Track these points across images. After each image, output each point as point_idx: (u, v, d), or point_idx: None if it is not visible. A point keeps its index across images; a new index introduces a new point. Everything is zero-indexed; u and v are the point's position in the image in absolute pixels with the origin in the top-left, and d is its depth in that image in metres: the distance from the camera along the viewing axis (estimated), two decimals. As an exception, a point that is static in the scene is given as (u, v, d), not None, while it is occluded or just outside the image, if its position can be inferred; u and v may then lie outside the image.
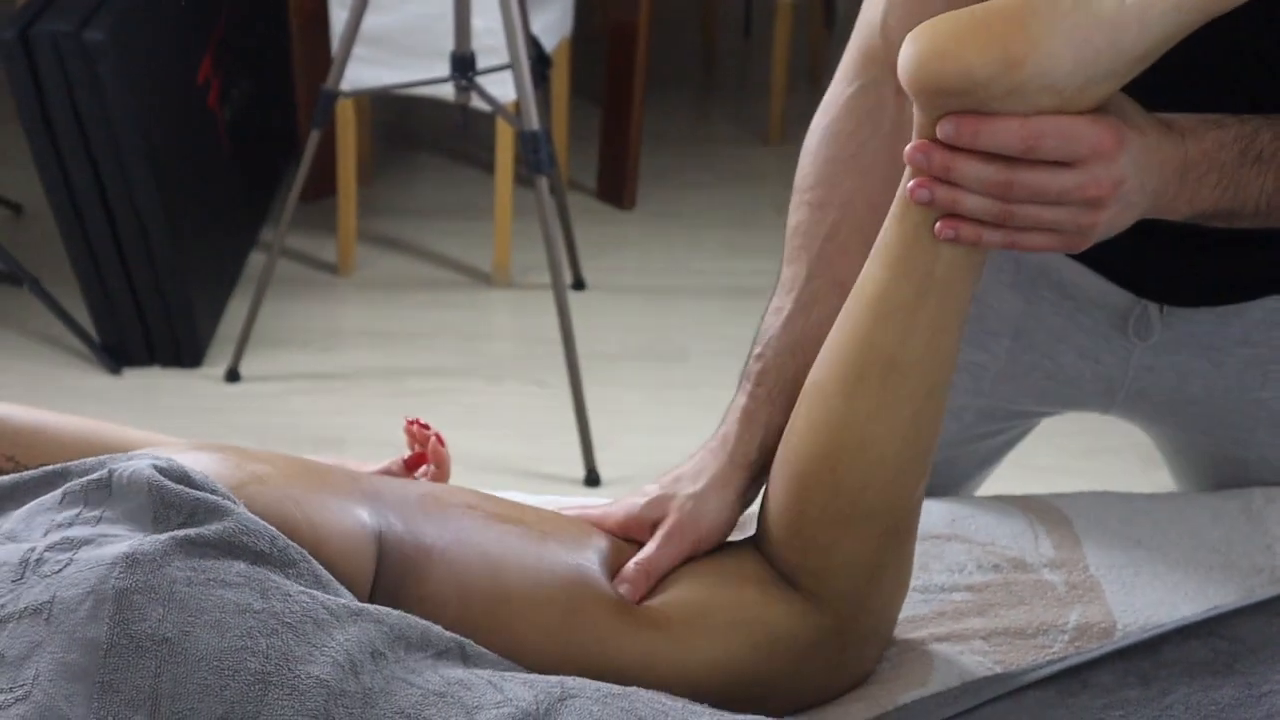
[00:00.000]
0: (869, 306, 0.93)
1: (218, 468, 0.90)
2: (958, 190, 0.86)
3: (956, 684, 1.03)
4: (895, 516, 0.98)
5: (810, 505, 0.97)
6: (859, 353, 0.94)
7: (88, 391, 2.55)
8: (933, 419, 0.96)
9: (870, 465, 0.95)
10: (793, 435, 0.99)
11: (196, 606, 0.80)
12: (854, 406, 0.94)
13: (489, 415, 2.54)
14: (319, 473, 0.94)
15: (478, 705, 0.83)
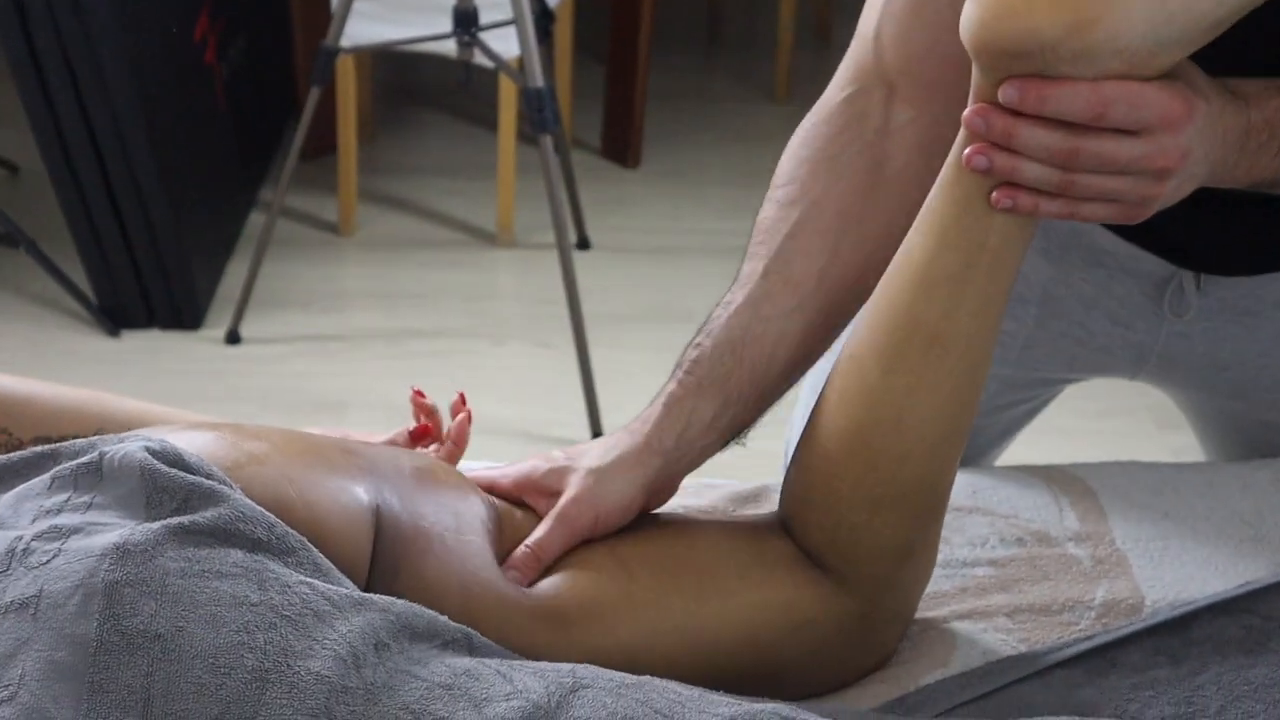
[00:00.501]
0: (913, 277, 0.90)
1: (213, 448, 0.86)
2: (1017, 157, 0.83)
3: (979, 664, 0.99)
4: (929, 497, 0.94)
5: (841, 484, 0.93)
6: (900, 325, 0.90)
7: (86, 354, 2.51)
8: (973, 396, 0.92)
9: (907, 443, 0.91)
10: (824, 410, 0.95)
11: (190, 600, 0.76)
12: (892, 381, 0.90)
13: (493, 377, 2.50)
14: (315, 448, 0.90)
15: (486, 697, 0.79)
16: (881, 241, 0.97)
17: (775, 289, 0.97)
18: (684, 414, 0.97)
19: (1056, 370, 1.20)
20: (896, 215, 0.98)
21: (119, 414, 1.04)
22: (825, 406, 0.95)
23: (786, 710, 0.84)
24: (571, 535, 0.95)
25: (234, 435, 0.88)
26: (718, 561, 0.96)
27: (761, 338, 0.97)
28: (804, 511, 0.97)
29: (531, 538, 0.94)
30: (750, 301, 0.98)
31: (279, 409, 2.39)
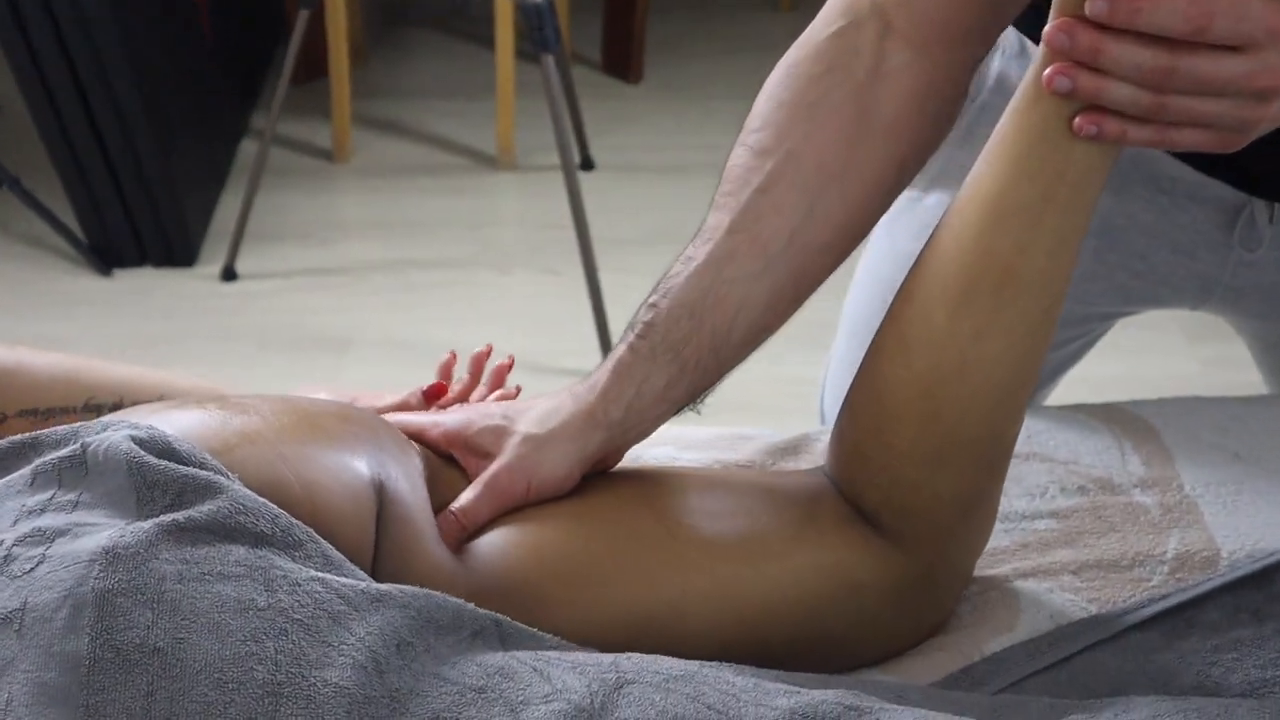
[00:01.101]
0: (984, 209, 0.81)
1: (202, 430, 0.78)
2: (1104, 78, 0.75)
3: (1047, 627, 0.92)
4: (994, 450, 0.87)
5: (898, 438, 0.86)
6: (969, 264, 0.82)
7: (78, 295, 2.43)
8: (1045, 341, 0.84)
9: (972, 393, 0.84)
10: (880, 356, 0.87)
11: (191, 608, 0.68)
12: (959, 324, 0.82)
13: (499, 307, 2.42)
14: (308, 417, 0.82)
15: (523, 700, 0.72)
16: (863, 201, 0.89)
17: (741, 248, 0.88)
18: (634, 382, 0.88)
19: (1113, 304, 1.12)
20: (882, 172, 0.89)
21: (109, 383, 0.97)
22: (881, 354, 0.87)
23: (850, 698, 0.77)
24: (500, 505, 0.86)
25: (222, 412, 0.80)
26: (764, 521, 0.88)
27: (724, 301, 0.87)
28: (857, 467, 0.89)
29: (457, 503, 0.86)
30: (713, 260, 0.88)
31: (278, 347, 2.32)
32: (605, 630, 0.83)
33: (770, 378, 2.31)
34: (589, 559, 0.85)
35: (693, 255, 0.89)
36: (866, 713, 0.76)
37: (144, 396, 0.98)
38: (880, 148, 0.88)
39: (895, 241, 1.13)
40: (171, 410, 0.80)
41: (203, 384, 1.03)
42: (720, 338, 0.88)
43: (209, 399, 0.83)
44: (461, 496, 0.86)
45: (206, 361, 2.28)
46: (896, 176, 0.90)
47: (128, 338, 2.33)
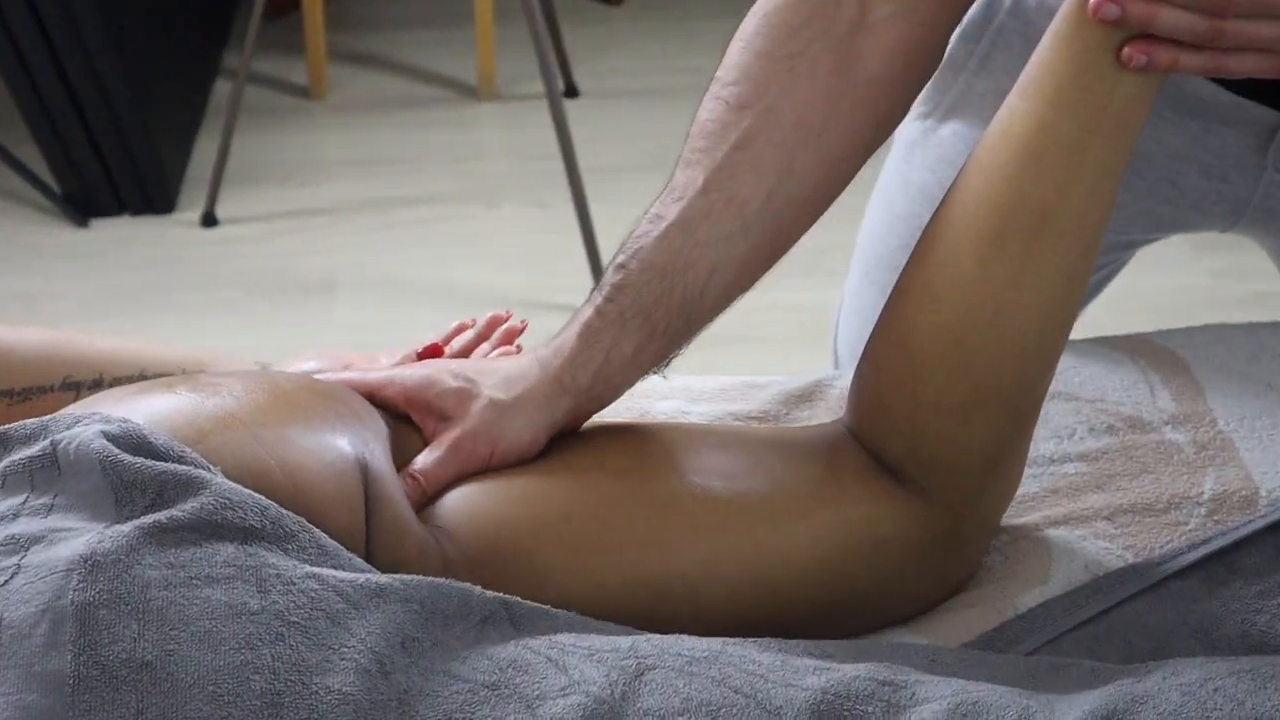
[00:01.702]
0: (1020, 147, 0.76)
1: (176, 417, 0.73)
2: (1156, 3, 0.70)
3: (1082, 578, 0.88)
4: (1026, 400, 0.82)
5: (926, 388, 0.81)
6: (1003, 204, 0.77)
7: (55, 248, 2.37)
8: (1082, 284, 0.80)
9: (1005, 341, 0.79)
10: (904, 302, 0.82)
11: (179, 616, 0.64)
12: (991, 270, 0.78)
13: (489, 243, 2.36)
14: (283, 395, 0.77)
15: (539, 694, 0.68)
16: (841, 158, 0.84)
17: (716, 208, 0.83)
18: (603, 348, 0.84)
19: (1140, 231, 1.07)
20: (862, 129, 0.85)
21: (87, 358, 0.92)
22: (905, 299, 0.82)
23: (883, 671, 0.73)
24: (462, 469, 0.82)
25: (193, 395, 0.75)
26: (783, 478, 0.84)
27: (697, 263, 0.83)
28: (880, 418, 0.84)
29: (417, 464, 0.82)
30: (685, 221, 0.83)
31: (263, 293, 2.26)
32: (617, 599, 0.78)
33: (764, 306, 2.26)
34: (596, 523, 0.80)
35: (662, 214, 0.85)
36: (901, 687, 0.72)
37: (124, 371, 0.93)
38: (861, 103, 0.84)
39: (909, 174, 1.08)
40: (141, 396, 0.75)
41: (185, 352, 0.98)
42: (692, 301, 0.84)
43: (184, 378, 0.77)
44: (421, 457, 0.82)
45: (191, 311, 2.22)
46: (874, 133, 0.86)
47: (108, 290, 2.27)
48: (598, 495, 0.81)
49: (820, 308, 1.48)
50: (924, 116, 1.06)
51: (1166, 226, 1.07)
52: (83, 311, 2.21)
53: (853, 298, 1.16)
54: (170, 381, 0.77)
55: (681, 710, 0.68)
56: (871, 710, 0.70)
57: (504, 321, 0.99)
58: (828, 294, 1.34)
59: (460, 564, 0.77)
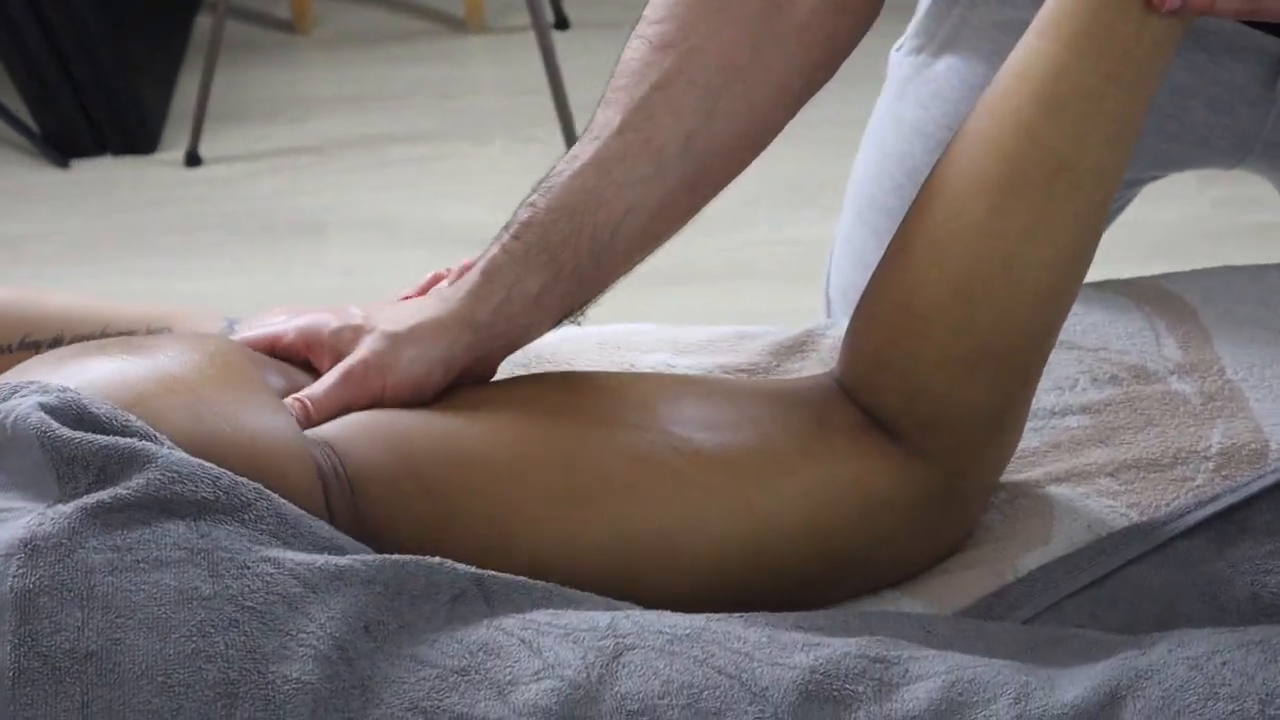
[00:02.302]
0: (1036, 92, 0.72)
1: (116, 382, 0.69)
2: None
3: (1085, 538, 0.84)
4: (1031, 358, 0.79)
5: (928, 344, 0.77)
6: (1017, 153, 0.73)
7: (36, 190, 2.32)
8: (1096, 238, 0.76)
9: (1014, 296, 0.75)
10: (905, 253, 0.78)
11: (126, 602, 0.60)
12: (1003, 223, 0.74)
13: (480, 181, 2.31)
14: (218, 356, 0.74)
15: (511, 679, 0.64)
16: (767, 107, 0.81)
17: (632, 149, 0.80)
18: (505, 284, 0.81)
19: (1145, 169, 1.02)
20: (789, 76, 0.81)
21: (46, 316, 0.88)
22: (907, 250, 0.78)
23: (874, 647, 0.69)
24: (352, 399, 0.79)
25: (133, 358, 0.71)
26: (770, 432, 0.80)
27: (609, 205, 0.80)
28: (875, 373, 0.80)
29: (307, 390, 0.79)
30: (599, 161, 0.80)
31: (251, 235, 2.21)
32: (594, 557, 0.75)
33: (759, 240, 2.22)
34: (563, 469, 0.76)
35: (578, 154, 0.82)
36: (893, 664, 0.68)
37: (85, 329, 0.89)
38: (791, 50, 0.81)
39: (901, 111, 1.03)
40: (76, 361, 0.71)
41: (149, 309, 0.93)
42: (602, 244, 0.81)
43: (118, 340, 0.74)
44: (313, 385, 0.79)
45: (174, 254, 2.17)
46: (804, 84, 0.82)
47: (91, 233, 2.22)
48: (565, 439, 0.77)
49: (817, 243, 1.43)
50: (916, 51, 1.01)
51: (1172, 163, 1.02)
52: (65, 255, 2.17)
53: (845, 241, 1.12)
54: (104, 344, 0.73)
55: (661, 693, 0.64)
56: (862, 689, 0.66)
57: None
58: (825, 229, 1.29)
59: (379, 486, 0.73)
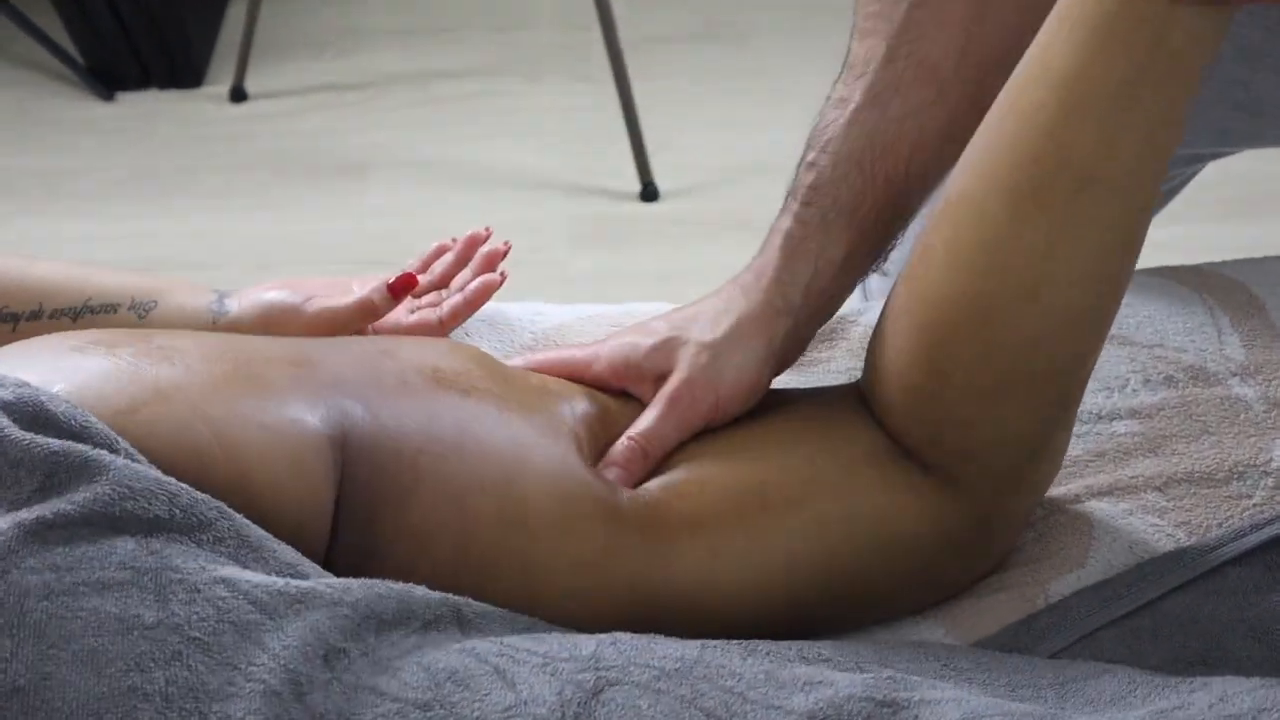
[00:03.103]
0: (1058, 94, 0.65)
1: (102, 383, 0.64)
2: None
3: (1125, 562, 0.78)
4: (1068, 382, 0.72)
5: (953, 368, 0.70)
6: (1038, 158, 0.66)
7: (78, 122, 2.28)
8: (1135, 249, 0.69)
9: (1042, 316, 0.68)
10: (927, 269, 0.71)
11: (60, 632, 0.55)
12: (1026, 233, 0.67)
13: (529, 120, 2.25)
14: (245, 363, 0.68)
15: (479, 717, 0.59)
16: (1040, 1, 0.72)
17: (906, 77, 0.74)
18: (810, 259, 0.76)
19: (1205, 144, 0.94)
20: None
21: (27, 286, 0.85)
22: (927, 260, 0.71)
23: (884, 688, 0.63)
24: (686, 424, 0.75)
25: (135, 360, 0.65)
26: (788, 463, 0.74)
27: (895, 144, 0.74)
28: (898, 398, 0.74)
29: (635, 427, 0.74)
30: (874, 98, 0.74)
31: (293, 174, 2.17)
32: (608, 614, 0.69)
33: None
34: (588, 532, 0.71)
35: (846, 96, 0.75)
36: (901, 708, 0.62)
37: (66, 301, 0.85)
38: None
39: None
40: (75, 355, 0.65)
41: (136, 279, 0.88)
42: (898, 187, 0.75)
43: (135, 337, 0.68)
44: (639, 420, 0.75)
45: (216, 192, 2.14)
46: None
47: (132, 169, 2.19)
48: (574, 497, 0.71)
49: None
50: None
51: (1238, 139, 0.94)
52: (103, 192, 2.14)
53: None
54: (117, 339, 0.67)
55: (643, 739, 0.59)
56: (865, 740, 0.61)
57: (483, 241, 0.90)
58: None
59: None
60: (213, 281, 0.89)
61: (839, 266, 0.76)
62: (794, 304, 0.76)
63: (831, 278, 0.76)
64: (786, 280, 0.76)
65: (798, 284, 0.76)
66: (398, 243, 2.00)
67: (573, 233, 1.99)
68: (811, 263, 0.75)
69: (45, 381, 0.63)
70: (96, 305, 0.84)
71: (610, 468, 0.73)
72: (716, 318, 0.76)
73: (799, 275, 0.75)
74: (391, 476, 0.67)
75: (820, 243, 0.75)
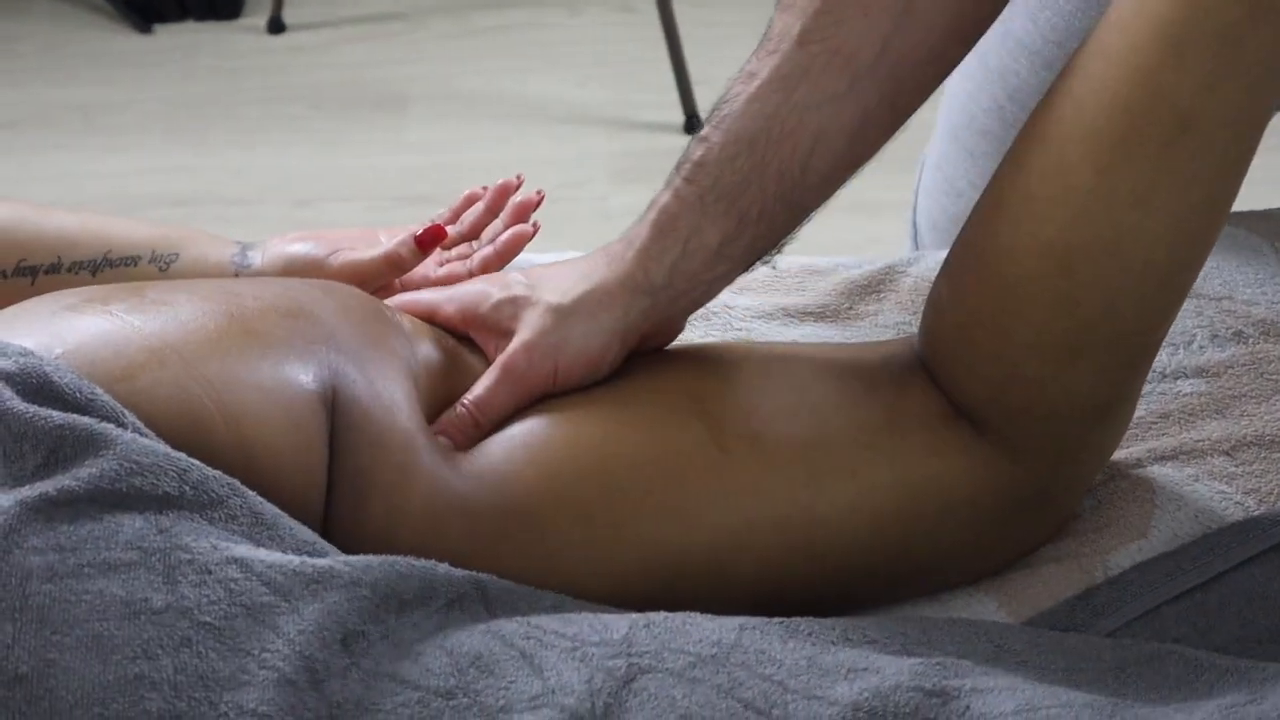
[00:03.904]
0: (1159, 30, 0.61)
1: (104, 349, 0.61)
2: None
3: (1191, 533, 0.74)
4: (1142, 342, 0.68)
5: (1022, 325, 0.67)
6: (1133, 101, 0.62)
7: (115, 55, 2.25)
8: (1224, 205, 0.65)
9: (1124, 272, 0.64)
10: (998, 213, 0.67)
11: (64, 617, 0.53)
12: (1114, 184, 0.63)
13: (570, 52, 2.20)
14: (241, 320, 0.65)
15: (504, 705, 0.56)
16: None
17: (818, 63, 0.67)
18: (680, 238, 0.70)
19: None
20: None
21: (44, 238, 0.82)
22: (1000, 211, 0.67)
23: (932, 674, 0.60)
24: (521, 393, 0.70)
25: (130, 317, 0.62)
26: (834, 421, 0.70)
27: (795, 133, 0.68)
28: (960, 355, 0.70)
29: (470, 393, 0.70)
30: (780, 78, 0.68)
31: (331, 107, 2.13)
32: (628, 582, 0.66)
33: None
34: (607, 485, 0.67)
35: (754, 70, 0.69)
36: (952, 697, 0.59)
37: (85, 253, 0.82)
38: None
39: (1009, 22, 0.90)
40: (69, 316, 0.63)
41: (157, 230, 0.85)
42: (791, 180, 0.69)
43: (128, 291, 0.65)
44: (475, 385, 0.71)
45: (253, 126, 2.10)
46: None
47: (169, 102, 2.16)
48: (602, 446, 0.68)
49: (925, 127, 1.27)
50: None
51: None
52: (140, 125, 2.11)
53: (936, 165, 1.00)
54: (110, 294, 0.65)
55: (676, 731, 0.56)
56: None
57: (515, 190, 0.85)
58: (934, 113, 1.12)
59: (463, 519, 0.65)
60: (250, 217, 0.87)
61: (713, 253, 0.70)
62: (655, 283, 0.71)
63: (703, 263, 0.70)
64: (653, 257, 0.70)
65: (664, 263, 0.70)
66: (437, 177, 1.97)
67: (614, 168, 1.95)
68: (681, 243, 0.70)
69: (43, 347, 0.60)
70: (116, 258, 0.81)
71: (441, 432, 0.69)
72: (574, 282, 0.72)
73: (666, 254, 0.70)
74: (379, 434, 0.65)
75: (693, 224, 0.70)
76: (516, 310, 0.72)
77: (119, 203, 1.89)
